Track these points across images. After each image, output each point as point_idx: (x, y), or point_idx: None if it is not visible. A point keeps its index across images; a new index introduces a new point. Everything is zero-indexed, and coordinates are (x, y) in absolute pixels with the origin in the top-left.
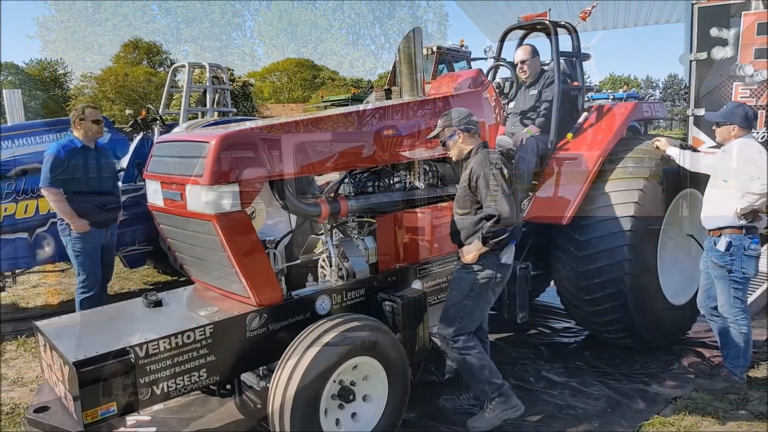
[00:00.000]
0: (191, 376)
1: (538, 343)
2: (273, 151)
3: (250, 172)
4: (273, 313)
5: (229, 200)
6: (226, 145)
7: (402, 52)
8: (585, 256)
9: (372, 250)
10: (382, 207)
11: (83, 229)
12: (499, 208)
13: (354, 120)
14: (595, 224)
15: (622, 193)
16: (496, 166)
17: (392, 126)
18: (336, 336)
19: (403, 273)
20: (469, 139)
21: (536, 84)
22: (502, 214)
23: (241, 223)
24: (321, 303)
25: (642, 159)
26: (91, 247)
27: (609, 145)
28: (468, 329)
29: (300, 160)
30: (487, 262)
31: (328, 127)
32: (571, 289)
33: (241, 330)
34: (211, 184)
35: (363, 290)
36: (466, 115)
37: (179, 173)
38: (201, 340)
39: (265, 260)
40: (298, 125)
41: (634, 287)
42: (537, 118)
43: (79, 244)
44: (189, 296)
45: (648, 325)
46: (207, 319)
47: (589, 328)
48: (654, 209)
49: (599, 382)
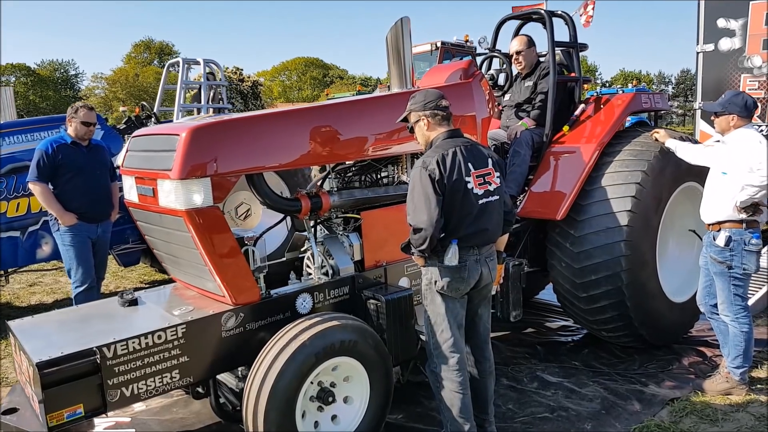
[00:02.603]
0: (163, 378)
1: (533, 341)
2: (248, 143)
3: (223, 165)
4: (250, 312)
5: (200, 195)
6: (198, 138)
7: (389, 42)
8: (581, 253)
9: (357, 246)
10: (368, 202)
11: (70, 222)
12: (411, 218)
13: (332, 113)
14: (591, 219)
15: (619, 187)
16: (425, 166)
17: (372, 119)
18: (313, 336)
19: (390, 270)
20: (436, 126)
21: (532, 75)
22: (413, 224)
23: (213, 219)
24: (302, 301)
25: (640, 152)
26: (80, 239)
27: (606, 138)
28: (443, 345)
29: (277, 153)
30: (429, 264)
31: (306, 120)
32: (567, 286)
33: (216, 330)
34: (181, 179)
35: (347, 288)
36: (434, 98)
37: (151, 168)
38: (173, 341)
39: (240, 258)
40: (275, 118)
41: (631, 284)
42: (532, 110)
43: (68, 237)
44: (167, 295)
45: (647, 324)
46: (180, 319)
47: (587, 326)
48: (652, 203)
49: (595, 383)
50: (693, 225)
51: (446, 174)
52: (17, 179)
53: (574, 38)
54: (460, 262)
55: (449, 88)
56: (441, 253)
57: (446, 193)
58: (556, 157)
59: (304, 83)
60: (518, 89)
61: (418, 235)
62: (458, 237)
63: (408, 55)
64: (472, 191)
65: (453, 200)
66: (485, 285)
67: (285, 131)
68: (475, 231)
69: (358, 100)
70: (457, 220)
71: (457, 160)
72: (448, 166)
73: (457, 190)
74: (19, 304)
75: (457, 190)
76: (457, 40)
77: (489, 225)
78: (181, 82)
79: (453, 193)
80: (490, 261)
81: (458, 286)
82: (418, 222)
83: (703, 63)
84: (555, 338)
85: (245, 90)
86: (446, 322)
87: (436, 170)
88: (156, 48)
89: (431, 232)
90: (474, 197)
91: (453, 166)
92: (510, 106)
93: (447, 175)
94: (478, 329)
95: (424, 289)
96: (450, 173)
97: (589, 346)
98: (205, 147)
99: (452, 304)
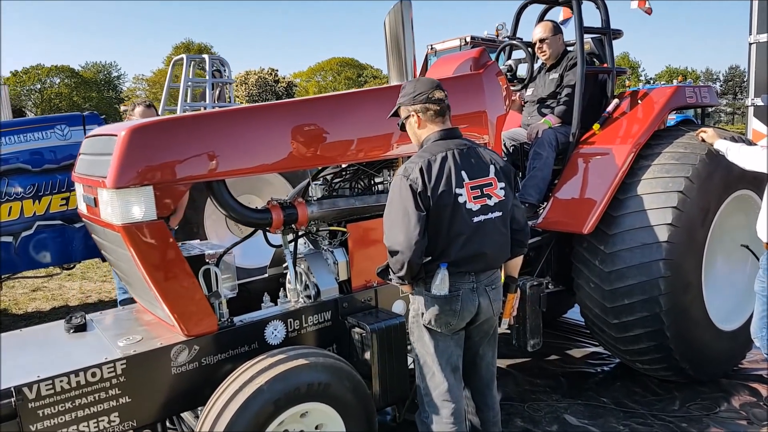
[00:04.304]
0: (99, 422)
1: (556, 372)
2: (204, 145)
3: (170, 171)
4: (206, 344)
5: (140, 207)
6: (138, 139)
7: (387, 28)
8: (612, 272)
9: (342, 264)
10: (355, 213)
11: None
12: (386, 237)
13: (313, 109)
14: (625, 234)
15: (659, 196)
16: (406, 174)
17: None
18: (273, 379)
19: (382, 293)
20: (428, 122)
21: (557, 66)
22: (388, 245)
23: (157, 236)
24: (273, 330)
25: (684, 154)
26: None
27: (643, 138)
28: (434, 393)
29: (242, 157)
30: (415, 293)
31: (279, 117)
32: (596, 310)
33: (165, 366)
34: (117, 187)
35: (328, 314)
36: (425, 89)
37: (92, 174)
38: (110, 379)
39: (191, 281)
40: (239, 114)
41: (672, 310)
42: (557, 106)
43: None
44: (123, 319)
45: (690, 356)
46: (121, 352)
47: (619, 356)
48: (698, 215)
49: (626, 427)
50: (747, 240)
51: (431, 184)
52: (8, 182)
53: (606, 23)
54: (451, 291)
55: (456, 81)
56: (428, 280)
57: (431, 209)
58: (585, 159)
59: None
60: (542, 82)
61: (395, 259)
62: (448, 261)
63: (409, 43)
64: (465, 206)
65: (440, 217)
66: (485, 319)
67: (252, 130)
68: (469, 255)
69: (345, 93)
70: (445, 241)
71: (446, 168)
72: (434, 174)
73: (444, 204)
74: (16, 312)
75: (444, 204)
76: (488, 35)
77: (488, 248)
78: (185, 80)
79: (440, 209)
80: (491, 290)
81: (449, 321)
82: (393, 243)
83: (756, 55)
84: (582, 368)
85: (280, 91)
86: (437, 364)
87: (418, 180)
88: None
89: (408, 256)
90: (467, 213)
91: (441, 174)
92: (532, 101)
93: (432, 185)
94: (480, 371)
95: (410, 322)
96: (436, 184)
97: (621, 379)
98: (147, 150)
99: (444, 342)
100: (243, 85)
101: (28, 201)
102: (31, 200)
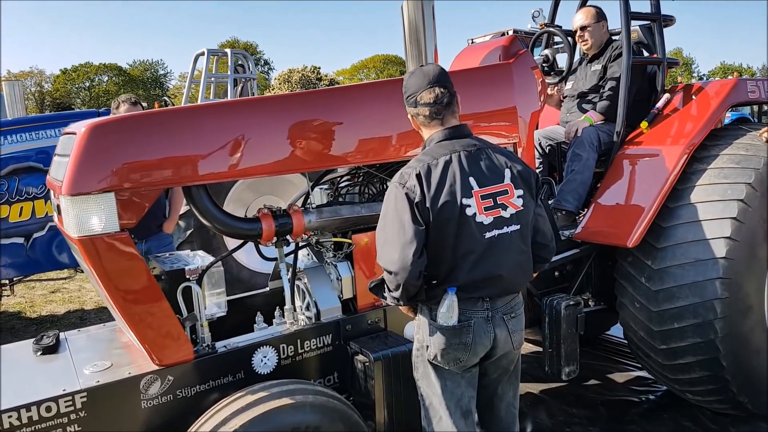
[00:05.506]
0: None
1: (595, 400)
2: (177, 145)
3: (135, 175)
4: (182, 374)
5: (100, 217)
6: (98, 138)
7: (405, 14)
8: (660, 292)
9: (347, 280)
10: (361, 222)
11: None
12: (379, 255)
13: (312, 104)
14: (675, 248)
15: (716, 205)
16: (401, 182)
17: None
18: (251, 421)
19: (392, 313)
20: (430, 122)
21: (600, 57)
22: (381, 264)
23: (119, 251)
24: (262, 357)
25: (745, 157)
26: None
27: (697, 138)
28: None
29: (224, 159)
30: (419, 321)
31: (271, 113)
32: (641, 333)
33: (133, 399)
34: (72, 194)
35: (329, 338)
36: (416, 87)
37: (56, 177)
38: (68, 414)
39: (160, 302)
40: (222, 109)
41: (729, 337)
42: (600, 101)
43: None
44: (99, 340)
45: (749, 388)
46: (83, 383)
47: (667, 384)
48: (761, 228)
49: None
50: None
51: (430, 193)
52: (20, 181)
53: (656, 9)
54: (460, 320)
55: (482, 72)
56: (433, 306)
57: (432, 222)
58: (630, 162)
59: None
60: (583, 74)
61: (390, 278)
62: (457, 285)
63: (430, 31)
64: (474, 219)
65: (443, 232)
66: (504, 353)
67: (236, 128)
68: (481, 277)
69: (349, 87)
70: (452, 261)
71: (450, 173)
72: (435, 181)
73: (447, 217)
74: (30, 315)
75: (447, 217)
76: (531, 28)
77: (504, 269)
78: (205, 76)
79: (442, 222)
80: (510, 319)
81: (458, 356)
82: (387, 262)
83: None
84: (624, 395)
85: None
86: (444, 407)
87: (416, 188)
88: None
89: (404, 277)
90: (477, 228)
91: (443, 181)
92: (572, 96)
93: (432, 194)
94: (499, 414)
95: (414, 355)
96: (437, 192)
97: (668, 410)
98: (109, 151)
99: (453, 381)
100: (286, 83)
101: (39, 201)
102: (43, 200)
